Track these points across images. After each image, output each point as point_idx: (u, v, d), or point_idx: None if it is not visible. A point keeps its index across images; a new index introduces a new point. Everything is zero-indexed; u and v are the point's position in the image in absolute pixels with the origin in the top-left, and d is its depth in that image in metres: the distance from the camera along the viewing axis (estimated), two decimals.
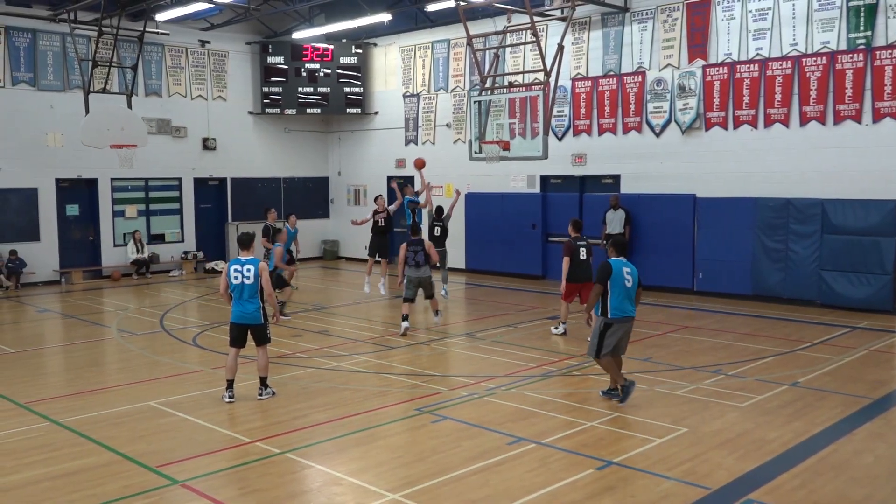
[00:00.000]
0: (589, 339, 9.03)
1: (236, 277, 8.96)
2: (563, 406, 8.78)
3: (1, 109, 18.64)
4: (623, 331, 8.73)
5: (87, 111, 17.27)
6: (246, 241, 9.28)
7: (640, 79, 17.25)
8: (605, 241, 16.73)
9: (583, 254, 12.43)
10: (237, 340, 9.13)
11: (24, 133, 18.98)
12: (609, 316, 8.62)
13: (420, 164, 16.88)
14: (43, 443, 7.78)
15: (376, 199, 17.11)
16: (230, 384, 9.13)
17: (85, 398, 9.41)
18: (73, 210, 20.28)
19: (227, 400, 9.01)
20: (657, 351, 11.50)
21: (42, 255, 19.48)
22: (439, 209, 16.43)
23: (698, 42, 16.35)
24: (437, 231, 16.32)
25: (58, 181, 19.72)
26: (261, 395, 9.20)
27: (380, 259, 16.55)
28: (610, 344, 8.67)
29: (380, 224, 16.56)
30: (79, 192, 20.30)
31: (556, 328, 12.85)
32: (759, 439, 7.60)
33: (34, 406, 9.01)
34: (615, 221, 16.85)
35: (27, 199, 19.22)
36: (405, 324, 12.74)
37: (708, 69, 16.20)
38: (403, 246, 13.25)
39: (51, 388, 10.09)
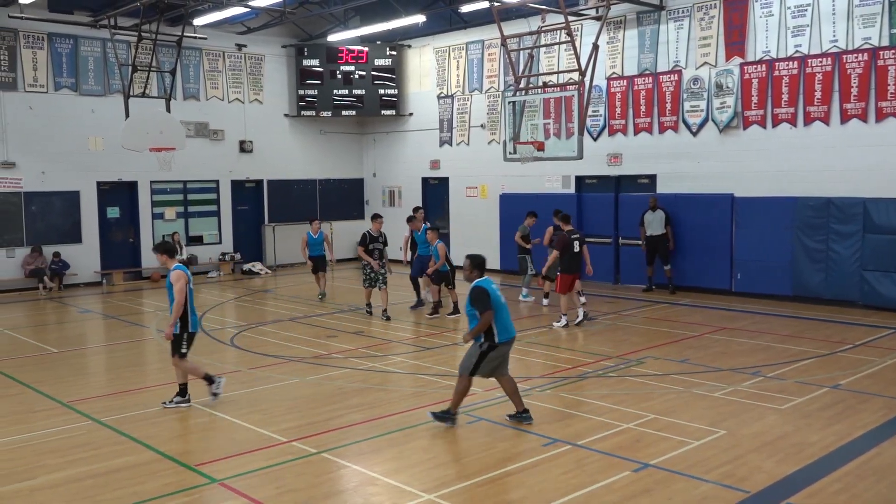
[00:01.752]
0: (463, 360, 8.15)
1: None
2: (598, 407, 8.73)
3: (44, 114, 19.05)
4: (506, 352, 8.13)
5: (127, 115, 17.56)
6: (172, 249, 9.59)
7: (676, 77, 17.09)
8: (644, 243, 16.76)
9: (576, 246, 13.05)
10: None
11: (66, 137, 19.38)
12: (497, 340, 7.98)
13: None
14: (85, 441, 7.94)
15: (414, 213, 16.52)
16: (183, 389, 9.10)
17: (125, 397, 9.57)
18: (113, 212, 20.65)
19: (185, 407, 8.94)
20: (695, 352, 11.38)
21: (84, 257, 19.86)
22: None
23: (736, 39, 16.14)
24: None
25: (99, 184, 20.09)
26: (165, 403, 9.04)
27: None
28: (488, 367, 8.00)
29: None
30: (119, 194, 20.67)
31: (558, 321, 13.22)
32: (800, 442, 7.49)
33: (76, 405, 9.19)
34: (655, 223, 16.65)
35: (69, 202, 19.63)
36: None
37: (746, 67, 16.00)
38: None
39: (92, 387, 10.29)
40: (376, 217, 14.95)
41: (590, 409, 8.67)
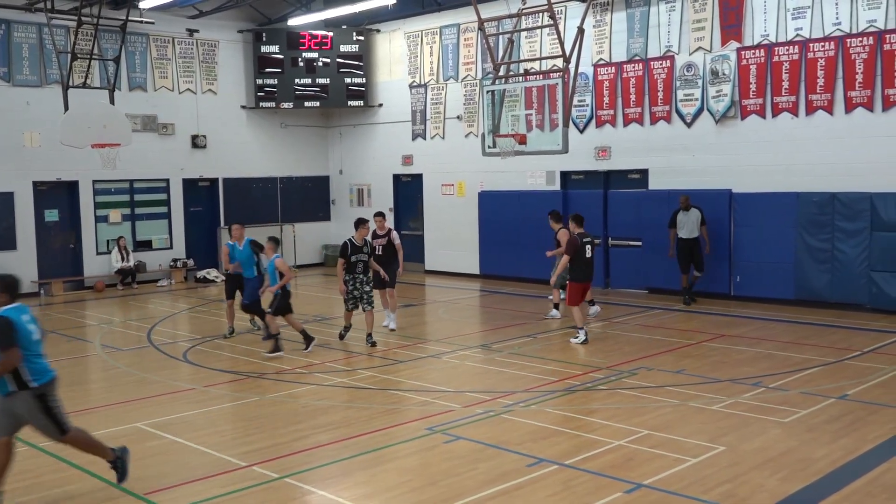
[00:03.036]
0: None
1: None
2: (587, 423, 8.78)
3: None
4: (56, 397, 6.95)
5: (66, 108, 17.39)
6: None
7: (668, 64, 17.24)
8: (675, 247, 16.29)
9: (588, 251, 12.87)
10: None
11: None
12: (36, 385, 6.76)
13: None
14: (23, 468, 7.82)
15: (376, 217, 14.69)
16: None
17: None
18: (52, 216, 20.43)
19: None
20: (691, 362, 11.47)
21: (19, 265, 19.47)
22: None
23: (732, 22, 16.32)
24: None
25: (35, 184, 19.86)
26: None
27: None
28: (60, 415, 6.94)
29: (378, 252, 14.02)
30: (58, 195, 20.46)
31: (575, 337, 12.87)
32: (805, 458, 7.57)
33: None
34: (688, 224, 16.05)
35: (2, 205, 19.36)
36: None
37: (743, 52, 16.17)
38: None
39: None
40: (362, 222, 12.96)
41: (578, 426, 8.71)
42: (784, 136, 15.78)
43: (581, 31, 14.62)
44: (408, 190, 23.01)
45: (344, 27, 23.03)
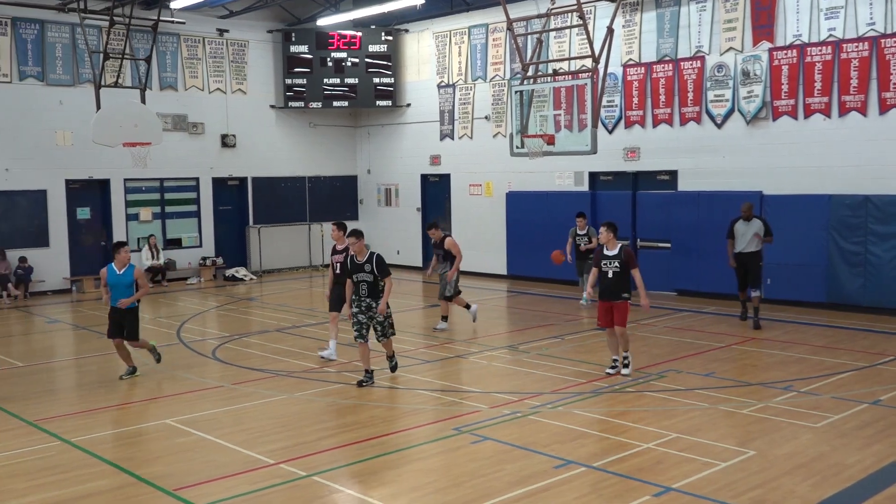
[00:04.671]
0: None
1: None
2: (616, 426, 8.73)
3: (8, 106, 19.07)
4: None
5: (98, 107, 17.57)
6: None
7: (698, 64, 17.11)
8: (733, 260, 14.22)
9: (605, 266, 10.80)
10: None
11: (32, 131, 19.39)
12: None
13: (557, 259, 16.02)
14: (54, 463, 7.94)
15: (338, 228, 12.43)
16: None
17: (97, 416, 9.56)
18: (83, 213, 20.67)
19: None
20: (721, 365, 11.37)
21: (51, 262, 19.87)
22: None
23: (764, 22, 16.16)
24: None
25: (67, 182, 20.11)
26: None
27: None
28: None
29: (336, 271, 12.10)
30: (90, 194, 20.69)
31: (625, 369, 10.94)
32: (837, 464, 7.48)
33: (44, 424, 9.18)
34: (746, 236, 14.01)
35: (36, 202, 19.63)
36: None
37: (775, 52, 16.01)
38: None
39: (61, 404, 10.26)
40: (355, 234, 10.66)
41: (606, 428, 8.66)
42: (816, 138, 15.60)
43: (610, 31, 14.54)
44: (435, 190, 23.02)
45: (373, 27, 23.09)
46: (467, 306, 14.56)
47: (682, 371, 11.04)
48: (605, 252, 10.85)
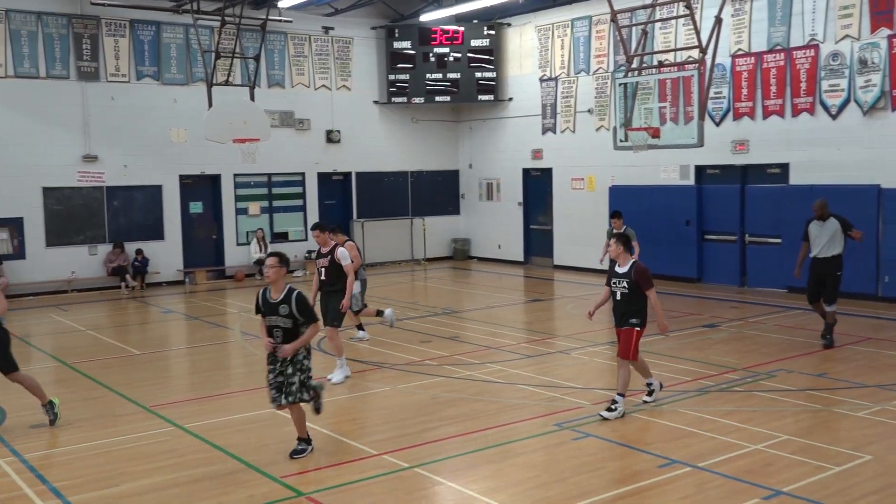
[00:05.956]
0: None
1: None
2: (723, 426, 8.51)
3: (126, 105, 19.93)
4: None
5: (210, 105, 18.15)
6: None
7: (812, 53, 16.48)
8: (799, 268, 12.44)
9: (615, 286, 9.10)
10: None
11: (148, 129, 20.22)
12: None
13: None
14: (169, 447, 8.27)
15: (313, 231, 11.11)
16: None
17: (209, 403, 9.91)
18: (196, 207, 21.43)
19: None
20: (835, 366, 10.95)
21: (166, 255, 20.69)
22: None
23: (883, 8, 15.43)
24: None
25: (181, 178, 20.89)
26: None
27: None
28: None
29: (321, 276, 10.93)
30: (202, 189, 21.44)
31: (648, 396, 9.49)
32: None
33: (160, 410, 9.58)
34: (822, 238, 12.05)
35: (152, 197, 20.49)
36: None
37: (895, 39, 15.27)
38: None
39: (175, 391, 10.71)
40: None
41: (712, 428, 8.45)
42: None
43: (719, 20, 14.16)
44: (537, 184, 22.90)
45: (475, 22, 23.11)
46: (379, 313, 13.19)
47: (794, 371, 10.68)
48: (616, 269, 9.08)
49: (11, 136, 18.56)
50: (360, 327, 13.40)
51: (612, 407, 8.80)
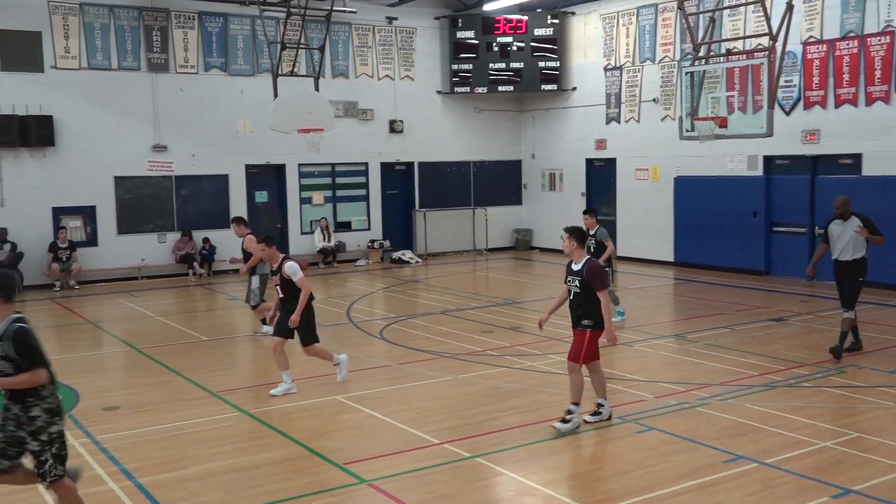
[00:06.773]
0: None
1: None
2: (790, 422, 8.32)
3: (194, 96, 20.30)
4: None
5: (276, 95, 18.37)
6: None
7: (888, 40, 15.95)
8: (813, 266, 11.61)
9: (570, 284, 8.47)
10: None
11: (215, 119, 20.57)
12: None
13: None
14: (233, 432, 8.43)
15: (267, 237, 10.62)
16: None
17: (273, 388, 10.04)
18: (261, 197, 21.75)
19: None
20: None
21: (232, 243, 20.85)
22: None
23: None
24: None
25: (247, 167, 21.21)
26: None
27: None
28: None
29: (279, 294, 10.16)
30: (267, 178, 21.73)
31: (592, 416, 8.50)
32: None
33: (225, 395, 9.76)
34: (845, 238, 10.96)
35: (219, 187, 20.86)
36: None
37: None
38: None
39: (240, 377, 10.92)
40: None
41: (780, 424, 8.28)
42: None
43: (790, 6, 13.79)
44: (601, 175, 22.66)
45: (539, 10, 22.93)
46: (263, 321, 12.88)
47: (865, 367, 10.40)
48: (571, 266, 8.42)
49: (85, 126, 19.05)
50: (264, 322, 12.89)
51: (567, 418, 8.14)
